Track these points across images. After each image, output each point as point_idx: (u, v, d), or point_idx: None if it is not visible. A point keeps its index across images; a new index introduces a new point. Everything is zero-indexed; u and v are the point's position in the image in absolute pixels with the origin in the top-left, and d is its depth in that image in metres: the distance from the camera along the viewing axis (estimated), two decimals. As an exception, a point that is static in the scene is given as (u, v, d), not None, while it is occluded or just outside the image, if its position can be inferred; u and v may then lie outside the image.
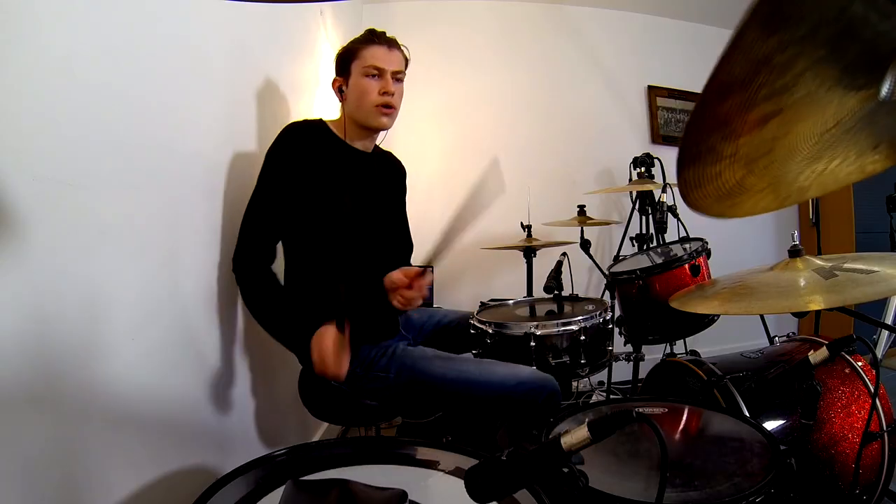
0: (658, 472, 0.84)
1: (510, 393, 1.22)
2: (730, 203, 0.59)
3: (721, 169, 0.53)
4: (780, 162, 0.57)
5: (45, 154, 0.73)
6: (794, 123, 0.52)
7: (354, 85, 1.33)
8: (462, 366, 1.28)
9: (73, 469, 0.78)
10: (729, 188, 0.56)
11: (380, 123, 1.35)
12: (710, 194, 0.56)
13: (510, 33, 2.94)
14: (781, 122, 0.51)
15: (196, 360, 1.17)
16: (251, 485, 0.77)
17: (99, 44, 0.84)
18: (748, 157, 0.54)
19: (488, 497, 0.55)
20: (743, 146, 0.52)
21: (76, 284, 0.79)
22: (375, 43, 1.32)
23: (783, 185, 0.61)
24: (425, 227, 2.78)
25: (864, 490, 1.19)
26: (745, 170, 0.55)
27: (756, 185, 0.58)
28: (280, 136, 1.29)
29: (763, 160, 0.56)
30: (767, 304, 1.06)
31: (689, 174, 0.52)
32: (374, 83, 1.32)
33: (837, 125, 0.54)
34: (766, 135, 0.52)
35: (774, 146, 0.54)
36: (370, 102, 1.32)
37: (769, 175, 0.58)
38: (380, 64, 1.31)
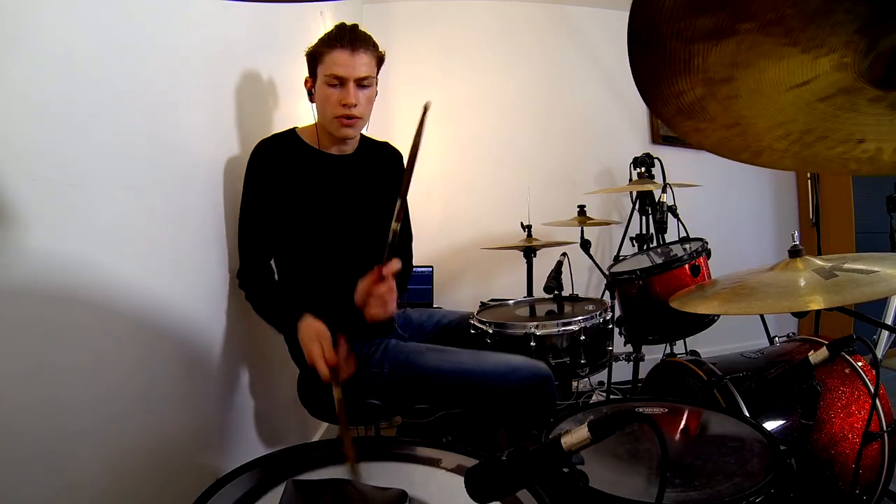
0: (658, 472, 0.84)
1: (504, 381, 1.23)
2: (694, 125, 0.59)
3: (675, 71, 0.53)
4: (746, 100, 0.57)
5: (45, 154, 0.73)
6: (755, 56, 0.52)
7: (319, 91, 1.28)
8: (455, 357, 1.28)
9: (73, 469, 0.78)
10: (689, 102, 0.56)
11: (342, 134, 1.30)
12: (670, 102, 0.56)
13: (510, 33, 2.94)
14: (738, 49, 0.51)
15: (196, 361, 1.17)
16: (251, 485, 0.77)
17: (99, 44, 0.84)
18: (706, 73, 0.53)
19: (488, 497, 0.55)
20: (696, 56, 0.51)
21: (76, 284, 0.79)
22: (338, 46, 1.23)
23: (752, 133, 0.61)
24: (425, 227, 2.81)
25: (864, 490, 1.19)
26: (704, 88, 0.55)
27: (720, 117, 0.58)
28: (252, 155, 1.28)
29: (724, 88, 0.55)
30: (767, 304, 1.06)
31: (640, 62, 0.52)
32: (335, 93, 1.25)
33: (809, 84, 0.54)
34: (724, 56, 0.51)
35: (735, 76, 0.54)
36: (331, 113, 1.27)
37: (734, 112, 0.58)
38: (341, 72, 1.23)
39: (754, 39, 0.50)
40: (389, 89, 2.75)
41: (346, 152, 1.39)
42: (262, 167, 1.27)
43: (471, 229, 2.89)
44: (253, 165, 1.27)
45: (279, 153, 1.29)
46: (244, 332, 1.39)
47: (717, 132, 0.60)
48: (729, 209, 3.12)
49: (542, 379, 1.25)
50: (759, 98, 0.56)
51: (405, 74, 2.81)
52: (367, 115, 1.32)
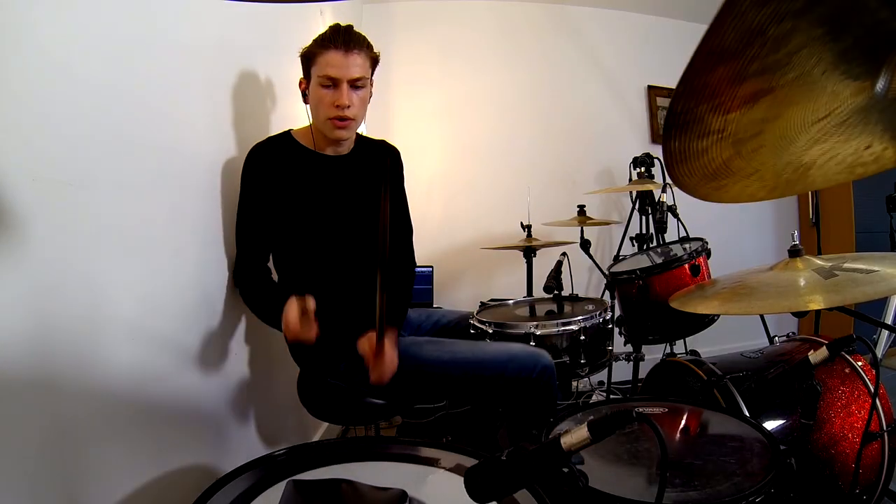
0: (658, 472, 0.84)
1: (504, 369, 1.23)
2: (715, 185, 0.58)
3: (708, 145, 0.52)
4: (769, 148, 0.56)
5: (45, 154, 0.73)
6: (785, 106, 0.51)
7: (312, 92, 1.28)
8: (453, 347, 1.28)
9: (73, 469, 0.78)
10: (715, 168, 0.55)
11: (335, 136, 1.30)
12: (696, 172, 0.55)
13: (510, 33, 2.94)
14: (773, 103, 0.50)
15: (196, 360, 1.16)
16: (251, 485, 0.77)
17: (99, 44, 0.84)
18: (736, 136, 0.52)
19: (488, 497, 0.55)
20: (731, 123, 0.50)
21: (76, 284, 0.79)
22: (332, 47, 1.22)
23: (771, 175, 0.60)
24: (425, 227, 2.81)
25: (864, 490, 1.19)
26: (732, 150, 0.54)
27: (743, 170, 0.57)
28: (247, 158, 1.28)
29: (752, 142, 0.55)
30: (767, 304, 1.06)
31: (674, 145, 0.51)
32: (329, 94, 1.24)
33: (829, 116, 0.53)
34: (756, 115, 0.51)
35: (764, 129, 0.53)
36: (324, 115, 1.26)
37: (757, 160, 0.57)
38: (333, 73, 1.22)
39: (788, 91, 0.49)
40: (389, 89, 2.76)
41: (341, 153, 1.39)
42: (258, 171, 1.27)
43: (471, 229, 2.89)
44: (248, 169, 1.27)
45: (274, 156, 1.29)
46: (244, 332, 1.39)
47: (738, 184, 0.59)
48: (729, 209, 3.11)
49: (543, 367, 1.25)
50: (783, 142, 0.55)
51: (405, 74, 2.81)
52: (361, 117, 1.32)
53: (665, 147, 0.51)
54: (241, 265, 1.29)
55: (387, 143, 1.51)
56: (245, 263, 1.29)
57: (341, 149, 1.38)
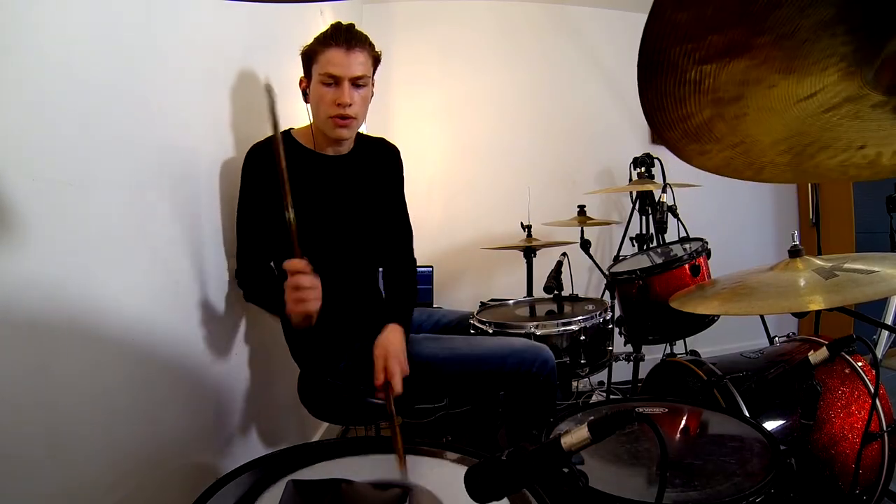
0: (658, 472, 0.84)
1: (502, 363, 1.22)
2: (699, 148, 0.58)
3: (685, 94, 0.51)
4: (753, 118, 0.55)
5: (45, 154, 0.73)
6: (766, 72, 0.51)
7: (313, 91, 1.27)
8: (452, 343, 1.28)
9: (73, 469, 0.78)
10: (696, 125, 0.55)
11: (336, 135, 1.28)
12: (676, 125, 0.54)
13: (510, 33, 2.94)
14: (751, 64, 0.50)
15: (196, 360, 1.17)
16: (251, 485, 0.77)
17: (99, 44, 0.84)
18: (715, 93, 0.52)
19: (488, 497, 0.55)
20: (708, 76, 0.50)
21: (76, 284, 0.79)
22: (333, 45, 1.21)
23: (756, 150, 0.60)
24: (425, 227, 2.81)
25: (864, 490, 1.19)
26: (712, 109, 0.54)
27: (727, 137, 0.57)
28: (245, 159, 1.27)
29: (733, 107, 0.54)
30: (767, 304, 1.06)
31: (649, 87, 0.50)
32: (330, 92, 1.23)
33: (816, 96, 0.53)
34: (735, 73, 0.50)
35: (745, 94, 0.53)
36: (325, 113, 1.25)
37: (741, 130, 0.57)
38: (335, 71, 1.21)
39: (767, 54, 0.48)
40: (389, 89, 2.75)
41: (341, 152, 1.38)
42: (256, 171, 1.26)
43: (471, 229, 2.89)
44: (247, 170, 1.27)
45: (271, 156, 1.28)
46: (244, 332, 1.39)
47: (722, 153, 0.59)
48: (729, 209, 3.12)
49: (542, 361, 1.24)
50: (767, 114, 0.55)
51: (405, 74, 2.81)
52: (363, 116, 1.31)
53: (641, 90, 0.50)
54: (243, 265, 1.28)
55: (386, 142, 1.50)
56: (247, 263, 1.28)
57: (341, 148, 1.37)
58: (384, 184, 1.45)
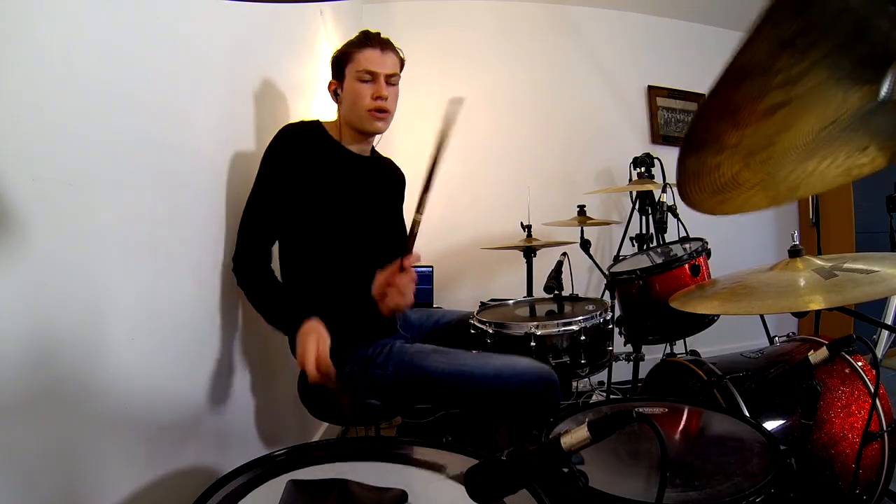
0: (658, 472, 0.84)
1: (507, 384, 1.22)
2: (721, 198, 0.58)
3: (721, 161, 0.51)
4: (777, 158, 0.56)
5: (45, 154, 0.73)
6: (798, 117, 0.51)
7: (349, 89, 1.33)
8: (459, 359, 1.28)
9: (73, 469, 0.78)
10: (724, 182, 0.55)
11: (374, 128, 1.36)
12: (706, 188, 0.55)
13: (510, 33, 2.94)
14: (788, 115, 0.50)
15: (196, 361, 1.17)
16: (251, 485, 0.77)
17: (99, 43, 0.84)
18: (749, 149, 0.52)
19: (488, 497, 0.55)
20: (747, 137, 0.50)
21: (76, 284, 0.79)
22: (369, 46, 1.31)
23: (773, 183, 0.60)
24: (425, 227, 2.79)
25: (864, 490, 1.19)
26: (742, 163, 0.54)
27: (749, 181, 0.57)
28: (276, 137, 1.29)
29: (761, 154, 0.54)
30: (767, 304, 1.05)
31: (690, 163, 0.50)
32: (368, 87, 1.32)
33: (835, 122, 0.53)
34: (771, 127, 0.50)
35: (775, 140, 0.53)
36: (363, 107, 1.32)
37: (763, 171, 0.57)
38: (373, 68, 1.31)
39: (803, 101, 0.48)
40: (389, 89, 2.75)
41: (364, 153, 1.43)
42: (285, 150, 1.28)
43: (471, 229, 2.88)
44: (275, 147, 1.28)
45: (304, 139, 1.31)
46: (244, 332, 1.39)
47: (742, 195, 0.59)
48: (729, 209, 3.12)
49: (546, 383, 1.24)
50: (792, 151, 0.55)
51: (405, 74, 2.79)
52: (394, 112, 1.40)
53: (680, 166, 0.50)
54: (243, 247, 1.25)
55: (395, 164, 1.60)
56: (248, 246, 1.25)
57: (365, 148, 1.43)
58: (392, 198, 1.53)
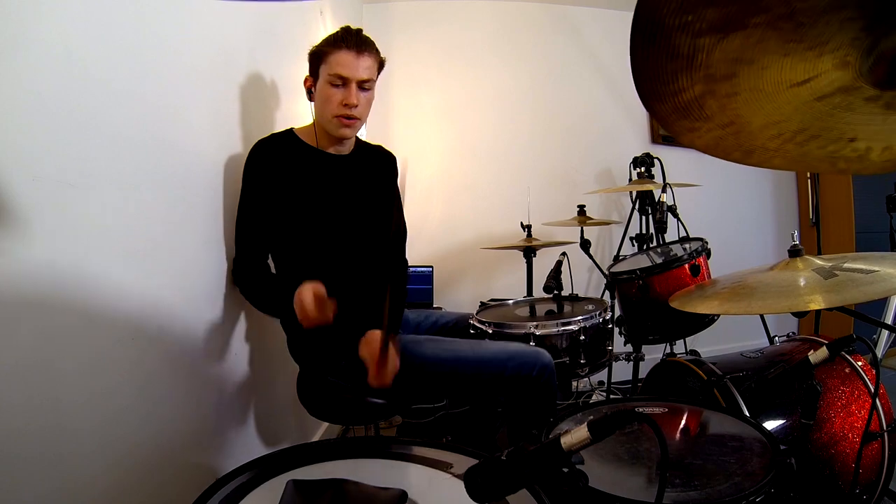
0: (658, 472, 0.84)
1: (503, 368, 1.23)
2: (689, 125, 0.57)
3: (677, 68, 0.51)
4: (744, 98, 0.55)
5: (45, 154, 0.73)
6: (759, 53, 0.50)
7: (320, 90, 1.29)
8: (453, 345, 1.29)
9: (74, 468, 0.78)
10: (686, 100, 0.54)
11: (340, 134, 1.32)
12: (667, 100, 0.54)
13: (510, 33, 2.94)
14: (745, 44, 0.49)
15: (196, 360, 1.16)
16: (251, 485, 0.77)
17: (99, 43, 0.84)
18: (708, 69, 0.51)
19: (488, 497, 0.55)
20: (701, 51, 0.49)
21: (76, 284, 0.79)
22: (344, 47, 1.25)
23: (746, 133, 0.59)
24: (425, 227, 2.81)
25: (864, 490, 1.19)
26: (704, 86, 0.53)
27: (717, 116, 0.57)
28: (250, 154, 1.29)
29: (724, 85, 0.54)
30: (767, 304, 1.05)
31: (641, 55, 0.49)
32: (338, 92, 1.26)
33: (809, 83, 0.53)
34: (729, 51, 0.50)
35: (738, 72, 0.52)
36: (331, 112, 1.28)
37: (731, 109, 0.56)
38: (345, 73, 1.25)
39: (762, 34, 0.48)
40: (389, 90, 2.75)
41: (342, 152, 1.40)
42: (260, 165, 1.28)
43: (471, 229, 2.88)
44: (251, 164, 1.28)
45: (277, 152, 1.30)
46: (244, 332, 1.39)
47: (712, 132, 0.59)
48: (729, 209, 3.13)
49: (542, 366, 1.25)
50: (759, 96, 0.55)
51: (405, 75, 2.81)
52: (365, 117, 1.35)
53: (633, 57, 0.49)
54: (240, 261, 1.29)
55: (383, 149, 1.54)
56: (245, 260, 1.28)
57: (342, 148, 1.39)
58: (380, 186, 1.49)
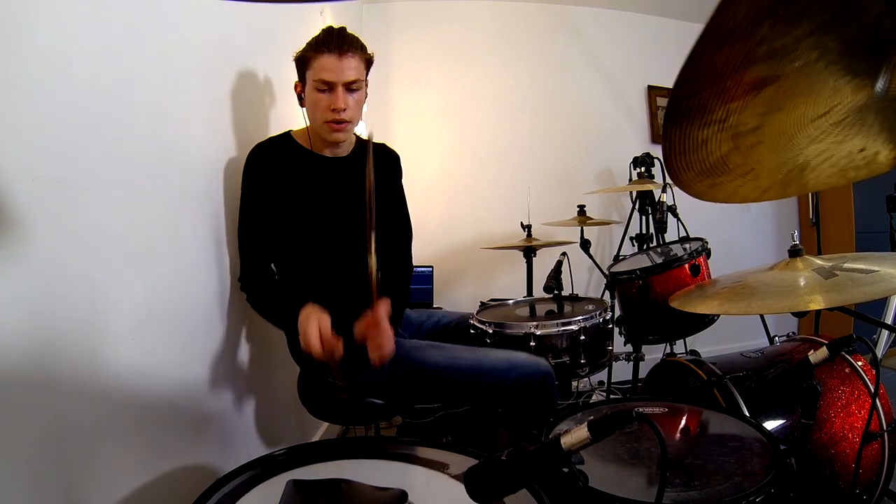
0: (658, 472, 0.84)
1: (504, 377, 1.23)
2: (710, 182, 0.57)
3: (708, 135, 0.50)
4: (767, 144, 0.55)
5: (45, 154, 0.73)
6: (788, 98, 0.50)
7: (308, 96, 1.28)
8: (455, 353, 1.29)
9: (74, 468, 0.78)
10: (712, 162, 0.54)
11: (332, 139, 1.30)
12: (694, 166, 0.53)
13: (510, 33, 2.94)
14: (776, 94, 0.49)
15: (196, 360, 1.17)
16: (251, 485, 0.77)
17: (100, 44, 0.84)
18: (737, 128, 0.51)
19: (488, 497, 0.55)
20: (734, 113, 0.49)
21: (76, 284, 0.79)
22: (326, 51, 1.22)
23: (765, 174, 0.59)
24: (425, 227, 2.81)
25: (864, 490, 1.19)
26: (731, 144, 0.53)
27: (740, 167, 0.56)
28: (248, 158, 1.28)
29: (751, 137, 0.53)
30: (767, 304, 1.05)
31: (675, 133, 0.49)
32: (325, 97, 1.25)
33: (829, 113, 0.53)
34: (759, 106, 0.49)
35: (764, 123, 0.52)
36: (320, 118, 1.27)
37: (754, 157, 0.56)
38: (328, 77, 1.22)
39: (792, 81, 0.47)
40: (389, 89, 2.76)
41: (340, 155, 1.39)
42: (258, 170, 1.27)
43: (471, 229, 2.89)
44: (249, 169, 1.28)
45: (275, 156, 1.29)
46: (244, 332, 1.39)
47: (733, 182, 0.58)
48: (729, 209, 3.12)
49: (543, 376, 1.25)
50: (782, 139, 0.54)
51: (405, 74, 2.81)
52: (358, 118, 1.33)
53: (665, 136, 0.49)
54: (246, 269, 1.29)
55: (386, 147, 1.52)
56: (250, 266, 1.28)
57: (340, 150, 1.39)
58: (382, 187, 1.46)
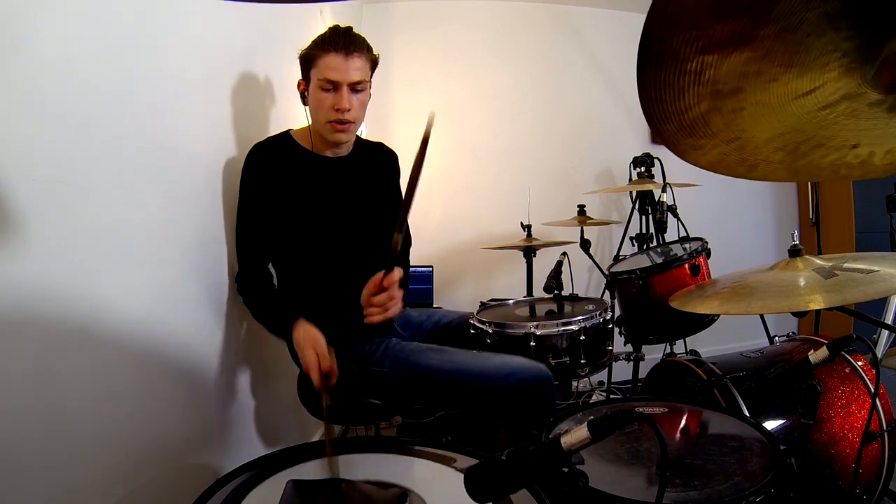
0: (658, 472, 0.84)
1: (504, 382, 1.23)
2: (693, 142, 0.57)
3: (684, 85, 0.50)
4: (750, 112, 0.55)
5: (45, 154, 0.73)
6: (767, 64, 0.50)
7: (312, 95, 1.27)
8: (456, 357, 1.28)
9: (75, 469, 0.78)
10: (692, 119, 0.54)
11: (335, 139, 1.30)
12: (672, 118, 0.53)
13: (510, 33, 2.94)
14: (753, 56, 0.49)
15: (196, 361, 1.17)
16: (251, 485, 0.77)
17: (100, 44, 0.84)
18: (715, 84, 0.51)
19: (488, 497, 0.55)
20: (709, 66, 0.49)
21: (76, 284, 0.79)
22: (332, 50, 1.21)
23: (751, 147, 0.59)
24: (425, 227, 2.81)
25: (864, 490, 1.19)
26: (710, 102, 0.52)
27: (723, 132, 0.56)
28: (247, 158, 1.28)
29: (731, 100, 0.53)
30: (767, 304, 1.05)
31: (649, 77, 0.49)
32: (329, 97, 1.23)
33: (814, 92, 0.52)
34: (736, 65, 0.49)
35: (745, 86, 0.52)
36: (324, 118, 1.26)
37: (737, 125, 0.56)
38: (333, 77, 1.21)
39: (770, 47, 0.47)
40: (389, 89, 2.75)
41: (340, 154, 1.39)
42: (258, 171, 1.27)
43: (471, 229, 2.88)
44: (248, 169, 1.27)
45: (274, 156, 1.29)
46: (244, 333, 1.39)
47: (717, 148, 0.58)
48: (729, 209, 3.12)
49: (543, 381, 1.25)
50: (764, 110, 0.54)
51: (405, 75, 2.81)
52: (361, 119, 1.32)
53: (640, 79, 0.49)
54: (243, 270, 1.28)
55: (385, 146, 1.52)
56: (247, 268, 1.28)
57: (340, 150, 1.38)
58: (382, 186, 1.47)
